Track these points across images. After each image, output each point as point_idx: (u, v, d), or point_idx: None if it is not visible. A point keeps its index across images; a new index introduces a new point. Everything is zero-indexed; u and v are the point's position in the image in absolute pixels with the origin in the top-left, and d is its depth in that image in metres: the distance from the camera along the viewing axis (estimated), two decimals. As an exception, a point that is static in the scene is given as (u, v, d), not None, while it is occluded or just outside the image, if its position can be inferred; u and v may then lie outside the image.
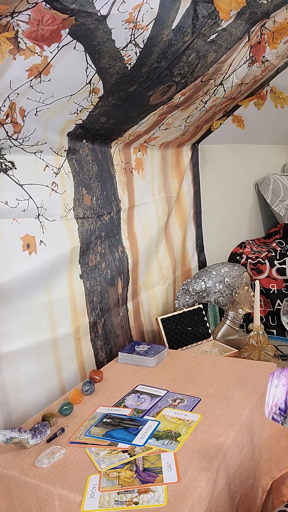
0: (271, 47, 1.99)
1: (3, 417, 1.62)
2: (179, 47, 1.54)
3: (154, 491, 1.20)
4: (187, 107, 2.06)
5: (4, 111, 1.36)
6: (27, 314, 1.69)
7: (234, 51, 1.79)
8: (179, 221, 2.67)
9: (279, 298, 2.86)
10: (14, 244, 1.62)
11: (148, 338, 2.42)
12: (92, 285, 2.00)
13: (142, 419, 1.53)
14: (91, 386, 1.73)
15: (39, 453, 1.38)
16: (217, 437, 1.40)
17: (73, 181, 1.85)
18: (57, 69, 1.33)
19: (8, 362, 1.63)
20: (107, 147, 2.04)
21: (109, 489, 1.23)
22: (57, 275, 1.80)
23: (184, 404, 1.60)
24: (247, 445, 1.49)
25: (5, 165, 1.55)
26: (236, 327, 2.48)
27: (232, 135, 2.86)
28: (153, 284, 2.45)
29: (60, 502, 1.24)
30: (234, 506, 1.38)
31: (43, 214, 1.71)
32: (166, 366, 1.91)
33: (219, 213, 3.09)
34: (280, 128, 3.35)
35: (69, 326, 1.87)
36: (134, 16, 1.29)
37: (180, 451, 1.35)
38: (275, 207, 3.51)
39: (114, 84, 1.55)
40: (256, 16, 1.66)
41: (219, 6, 1.46)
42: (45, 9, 1.11)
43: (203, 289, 2.42)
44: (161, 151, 2.44)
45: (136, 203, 2.26)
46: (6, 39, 1.12)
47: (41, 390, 1.77)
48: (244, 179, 3.45)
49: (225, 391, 1.66)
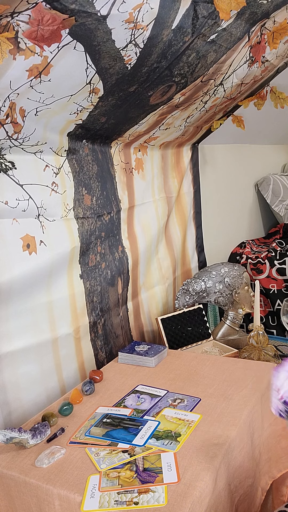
0: (271, 47, 1.99)
1: (3, 417, 1.62)
2: (179, 47, 1.54)
3: (154, 491, 1.20)
4: (187, 107, 2.06)
5: (4, 111, 1.36)
6: (27, 314, 1.69)
7: (234, 51, 1.79)
8: (179, 221, 2.67)
9: (279, 298, 2.86)
10: (14, 244, 1.62)
11: (148, 338, 2.42)
12: (92, 285, 2.00)
13: (142, 419, 1.53)
14: (91, 386, 1.73)
15: (39, 453, 1.38)
16: (217, 437, 1.40)
17: (73, 181, 1.85)
18: (57, 69, 1.33)
19: (8, 362, 1.63)
20: (107, 147, 2.04)
21: (109, 489, 1.23)
22: (57, 275, 1.80)
23: (184, 404, 1.60)
24: (247, 445, 1.49)
25: (5, 165, 1.55)
26: (236, 327, 2.48)
27: (232, 135, 2.86)
28: (153, 284, 2.45)
29: (60, 502, 1.24)
30: (234, 505, 1.38)
31: (43, 214, 1.71)
32: (166, 366, 1.91)
33: (219, 213, 3.09)
34: (280, 128, 3.35)
35: (69, 326, 1.87)
36: (134, 16, 1.29)
37: (180, 451, 1.35)
38: (275, 207, 3.51)
39: (114, 84, 1.55)
40: (256, 16, 1.66)
41: (219, 6, 1.46)
42: (45, 9, 1.11)
43: (203, 289, 2.42)
44: (161, 151, 2.44)
45: (136, 203, 2.26)
46: (6, 39, 1.12)
47: (41, 390, 1.77)
48: (244, 179, 3.45)
49: (225, 391, 1.66)
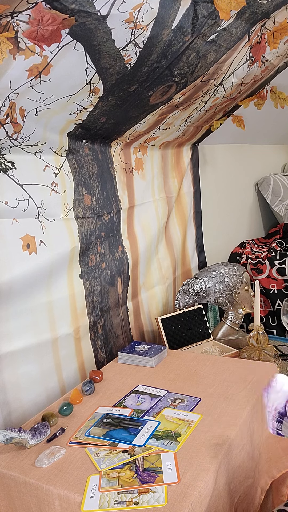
0: (271, 47, 1.99)
1: (3, 417, 1.62)
2: (179, 47, 1.54)
3: (154, 491, 1.20)
4: (187, 107, 2.06)
5: (4, 111, 1.36)
6: (27, 314, 1.69)
7: (234, 51, 1.79)
8: (179, 221, 2.67)
9: (279, 298, 2.86)
10: (14, 244, 1.62)
11: (148, 338, 2.42)
12: (92, 285, 2.00)
13: (142, 419, 1.53)
14: (91, 386, 1.73)
15: (39, 453, 1.38)
16: (217, 437, 1.40)
17: (73, 181, 1.85)
18: (57, 69, 1.33)
19: (8, 362, 1.63)
20: (107, 147, 2.04)
21: (109, 489, 1.23)
22: (57, 275, 1.80)
23: (184, 404, 1.60)
24: (247, 445, 1.49)
25: (5, 165, 1.55)
26: (236, 327, 2.48)
27: (232, 135, 2.86)
28: (153, 284, 2.45)
29: (60, 502, 1.24)
30: (233, 505, 1.38)
31: (43, 214, 1.71)
32: (166, 366, 1.91)
33: (219, 213, 3.09)
34: (280, 128, 3.35)
35: (69, 326, 1.87)
36: (134, 16, 1.29)
37: (180, 451, 1.35)
38: (275, 207, 3.51)
39: (114, 84, 1.55)
40: (256, 16, 1.66)
41: (219, 6, 1.46)
42: (45, 9, 1.11)
43: (203, 289, 2.42)
44: (161, 151, 2.44)
45: (136, 203, 2.26)
46: (6, 39, 1.12)
47: (41, 390, 1.77)
48: (244, 179, 3.45)
49: (225, 391, 1.66)
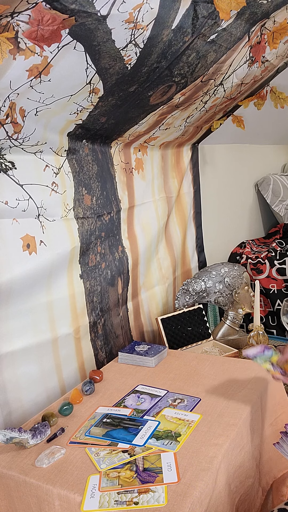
0: (271, 47, 1.99)
1: (3, 417, 1.62)
2: (179, 47, 1.54)
3: (154, 491, 1.20)
4: (187, 107, 2.06)
5: (4, 111, 1.36)
6: (27, 314, 1.69)
7: (234, 51, 1.79)
8: (179, 221, 2.67)
9: (279, 298, 2.86)
10: (14, 244, 1.62)
11: (148, 338, 2.42)
12: (92, 285, 2.00)
13: (142, 419, 1.53)
14: (91, 386, 1.73)
15: (39, 453, 1.38)
16: (217, 437, 1.40)
17: (73, 181, 1.85)
18: (57, 69, 1.33)
19: (8, 362, 1.63)
20: (107, 147, 2.04)
21: (109, 489, 1.23)
22: (57, 275, 1.80)
23: (184, 404, 1.60)
24: (247, 445, 1.49)
25: (5, 165, 1.55)
26: (236, 327, 2.48)
27: (232, 135, 2.86)
28: (153, 284, 2.45)
29: (60, 502, 1.24)
30: (234, 506, 1.38)
31: (43, 214, 1.71)
32: (166, 366, 1.91)
33: (219, 213, 3.09)
34: (280, 128, 3.35)
35: (69, 326, 1.87)
36: (134, 16, 1.29)
37: (180, 451, 1.35)
38: (275, 207, 3.51)
39: (114, 84, 1.55)
40: (256, 16, 1.66)
41: (219, 6, 1.46)
42: (45, 9, 1.11)
43: (203, 289, 2.42)
44: (161, 151, 2.44)
45: (136, 203, 2.26)
46: (6, 39, 1.12)
47: (41, 390, 1.77)
48: (244, 179, 3.45)
49: (225, 391, 1.66)
